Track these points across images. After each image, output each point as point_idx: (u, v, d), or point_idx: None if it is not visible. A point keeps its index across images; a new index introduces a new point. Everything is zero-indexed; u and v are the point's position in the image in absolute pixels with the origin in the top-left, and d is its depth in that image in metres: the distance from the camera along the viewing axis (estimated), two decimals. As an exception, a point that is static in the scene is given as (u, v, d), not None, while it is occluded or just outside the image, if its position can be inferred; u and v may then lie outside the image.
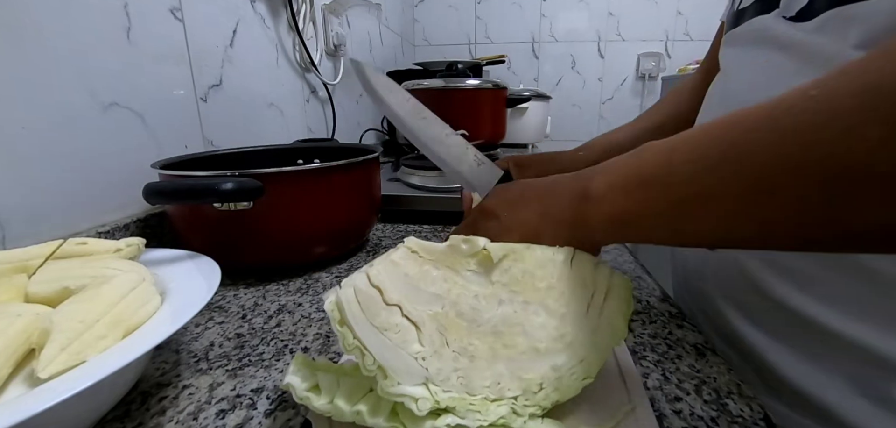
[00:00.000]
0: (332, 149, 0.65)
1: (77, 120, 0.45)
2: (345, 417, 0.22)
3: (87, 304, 0.25)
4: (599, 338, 0.25)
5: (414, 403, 0.21)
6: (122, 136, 0.50)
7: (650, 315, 0.38)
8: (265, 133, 0.77)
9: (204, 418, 0.26)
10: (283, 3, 0.81)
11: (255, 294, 0.43)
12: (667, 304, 0.40)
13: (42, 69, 0.41)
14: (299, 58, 0.88)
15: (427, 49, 1.92)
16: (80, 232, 0.45)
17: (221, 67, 0.66)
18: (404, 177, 0.74)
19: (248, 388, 0.29)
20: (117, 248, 0.35)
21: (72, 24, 0.44)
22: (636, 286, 0.43)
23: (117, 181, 0.49)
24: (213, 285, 0.29)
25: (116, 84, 0.49)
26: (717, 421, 0.26)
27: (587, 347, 0.24)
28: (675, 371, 0.30)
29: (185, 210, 0.44)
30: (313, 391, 0.23)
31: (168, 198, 0.41)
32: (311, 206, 0.45)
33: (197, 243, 0.41)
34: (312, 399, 0.23)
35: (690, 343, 0.33)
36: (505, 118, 0.99)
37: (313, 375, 0.24)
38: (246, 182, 0.38)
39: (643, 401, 0.26)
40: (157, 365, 0.31)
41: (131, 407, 0.27)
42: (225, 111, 0.67)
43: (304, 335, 0.35)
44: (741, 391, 0.28)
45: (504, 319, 0.25)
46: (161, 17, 0.55)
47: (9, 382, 0.23)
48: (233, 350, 0.33)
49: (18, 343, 0.24)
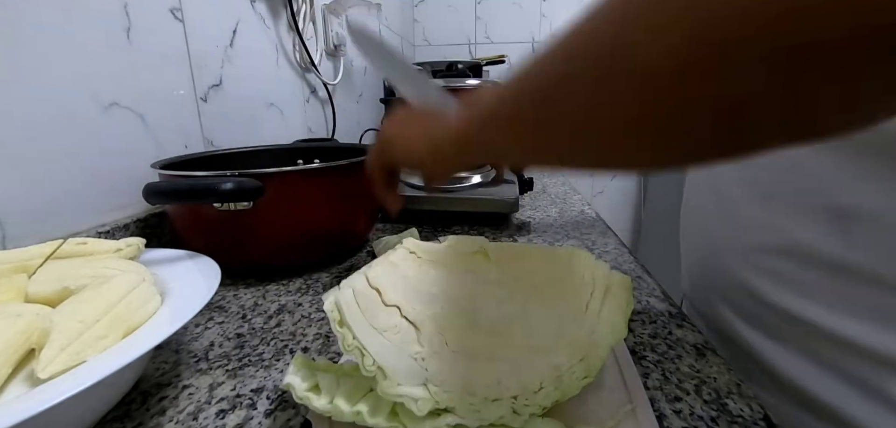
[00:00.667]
0: (332, 149, 0.65)
1: (77, 120, 0.45)
2: (344, 417, 0.22)
3: (87, 304, 0.25)
4: (599, 336, 0.25)
5: (414, 403, 0.21)
6: (122, 136, 0.50)
7: (650, 315, 0.38)
8: (265, 133, 0.77)
9: (204, 418, 0.26)
10: (283, 3, 0.81)
11: (255, 294, 0.43)
12: (667, 304, 0.40)
13: (42, 69, 0.41)
14: (299, 58, 0.88)
15: (427, 49, 1.92)
16: (80, 232, 0.45)
17: (221, 67, 0.66)
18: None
19: (248, 388, 0.29)
20: (117, 248, 0.35)
21: (72, 24, 0.44)
22: (636, 286, 0.43)
23: (117, 181, 0.49)
24: (213, 285, 0.29)
25: (116, 84, 0.49)
26: (717, 421, 0.26)
27: (586, 345, 0.24)
28: (675, 371, 0.30)
29: (185, 210, 0.44)
30: (313, 391, 0.23)
31: (168, 198, 0.41)
32: (311, 206, 0.45)
33: (197, 243, 0.41)
34: (312, 399, 0.23)
35: (690, 343, 0.33)
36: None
37: (313, 375, 0.24)
38: (246, 182, 0.38)
39: (643, 401, 0.26)
40: (157, 365, 0.31)
41: (131, 407, 0.27)
42: (225, 111, 0.67)
43: (304, 335, 0.35)
44: (741, 391, 0.28)
45: (502, 319, 0.25)
46: (161, 17, 0.55)
47: (9, 382, 0.23)
48: (233, 350, 0.33)
49: (18, 343, 0.24)
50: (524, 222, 0.66)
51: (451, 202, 0.64)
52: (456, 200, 0.64)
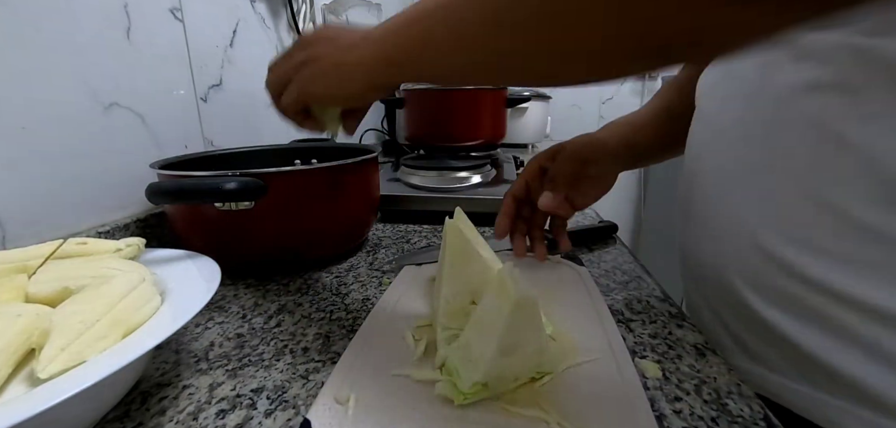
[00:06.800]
0: (331, 149, 0.65)
1: (77, 120, 0.45)
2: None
3: (87, 304, 0.25)
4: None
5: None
6: (122, 137, 0.50)
7: (650, 315, 0.38)
8: (265, 133, 0.77)
9: (204, 418, 0.26)
10: (283, 3, 0.81)
11: (255, 294, 0.43)
12: (667, 304, 0.40)
13: (42, 69, 0.41)
14: (299, 58, 0.88)
15: (427, 49, 1.91)
16: (80, 232, 0.45)
17: (221, 67, 0.66)
18: (404, 177, 0.74)
19: (248, 388, 0.29)
20: (117, 248, 0.35)
21: (72, 24, 0.44)
22: (636, 286, 0.43)
23: (117, 181, 0.49)
24: (213, 285, 0.29)
25: (116, 84, 0.49)
26: (717, 421, 0.26)
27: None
28: (675, 371, 0.30)
29: (186, 210, 0.44)
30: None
31: (171, 197, 0.41)
32: (311, 206, 0.45)
33: (197, 243, 0.41)
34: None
35: (690, 343, 0.33)
36: (505, 118, 0.99)
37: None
38: (249, 182, 0.38)
39: (642, 399, 0.26)
40: (157, 365, 0.31)
41: (131, 407, 0.27)
42: (225, 111, 0.67)
43: (304, 335, 0.35)
44: (741, 391, 0.28)
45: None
46: (161, 17, 0.55)
47: (9, 382, 0.23)
48: (233, 350, 0.33)
49: (18, 343, 0.24)
50: (524, 222, 0.66)
51: (452, 202, 0.64)
52: (456, 200, 0.64)
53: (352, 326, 0.36)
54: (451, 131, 0.90)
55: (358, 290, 0.43)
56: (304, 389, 0.28)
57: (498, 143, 1.01)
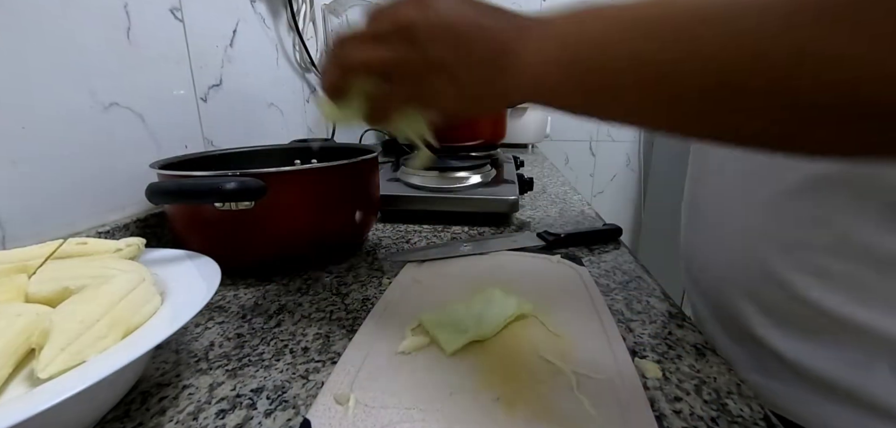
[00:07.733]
0: (331, 149, 0.65)
1: (77, 120, 0.45)
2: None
3: (87, 304, 0.25)
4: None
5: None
6: (122, 136, 0.50)
7: (650, 315, 0.38)
8: (265, 133, 0.77)
9: (204, 418, 0.26)
10: (283, 3, 0.81)
11: (255, 294, 0.42)
12: (667, 304, 0.40)
13: (42, 69, 0.41)
14: (299, 58, 0.88)
15: (427, 49, 1.91)
16: (80, 232, 0.45)
17: (221, 67, 0.66)
18: (404, 177, 0.74)
19: (248, 388, 0.29)
20: (117, 248, 0.35)
21: (72, 24, 0.44)
22: (636, 286, 0.43)
23: (117, 181, 0.49)
24: (213, 285, 0.29)
25: (116, 84, 0.49)
26: (717, 421, 0.26)
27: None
28: (675, 371, 0.30)
29: (185, 210, 0.44)
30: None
31: (171, 197, 0.41)
32: (311, 206, 0.45)
33: (197, 243, 0.41)
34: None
35: (690, 343, 0.33)
36: (505, 119, 0.99)
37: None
38: (249, 182, 0.38)
39: (642, 399, 0.26)
40: (157, 365, 0.31)
41: (131, 407, 0.27)
42: (225, 111, 0.67)
43: (304, 335, 0.35)
44: (741, 391, 0.28)
45: None
46: (161, 17, 0.55)
47: (9, 382, 0.23)
48: (233, 350, 0.33)
49: (18, 343, 0.24)
50: (524, 222, 0.66)
51: (451, 202, 0.64)
52: (456, 200, 0.64)
53: (352, 326, 0.36)
54: (452, 131, 0.90)
55: (358, 290, 0.43)
56: (304, 389, 0.28)
57: (498, 143, 1.01)
